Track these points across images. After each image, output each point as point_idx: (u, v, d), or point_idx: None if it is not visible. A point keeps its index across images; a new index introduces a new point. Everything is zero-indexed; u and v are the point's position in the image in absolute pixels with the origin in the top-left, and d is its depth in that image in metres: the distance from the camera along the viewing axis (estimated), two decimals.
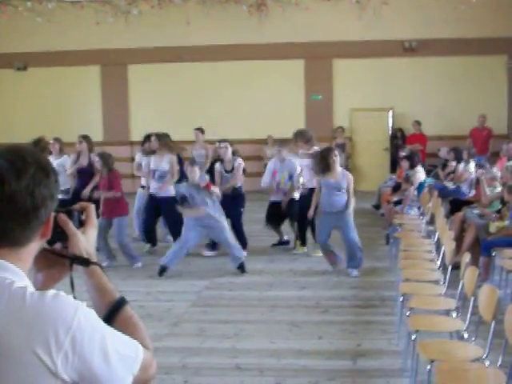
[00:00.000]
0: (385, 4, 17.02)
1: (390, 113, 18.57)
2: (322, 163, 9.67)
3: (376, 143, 18.57)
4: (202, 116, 18.46)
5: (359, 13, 17.39)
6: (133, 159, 14.44)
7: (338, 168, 9.79)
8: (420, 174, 12.72)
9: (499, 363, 4.72)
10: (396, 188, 13.45)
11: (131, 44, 18.73)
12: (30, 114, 19.55)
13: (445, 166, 14.80)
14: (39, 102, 19.57)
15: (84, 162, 11.74)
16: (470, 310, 5.59)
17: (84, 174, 11.64)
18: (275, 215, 11.65)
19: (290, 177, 11.43)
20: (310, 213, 10.27)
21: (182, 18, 17.98)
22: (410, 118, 18.08)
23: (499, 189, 10.29)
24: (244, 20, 17.97)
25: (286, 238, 11.87)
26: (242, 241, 10.97)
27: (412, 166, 12.75)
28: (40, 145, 12.35)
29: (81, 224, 1.99)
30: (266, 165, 12.96)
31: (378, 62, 18.31)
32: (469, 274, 5.86)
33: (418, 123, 17.76)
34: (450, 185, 13.46)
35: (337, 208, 9.63)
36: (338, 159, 9.73)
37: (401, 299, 6.71)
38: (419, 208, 11.76)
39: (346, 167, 17.66)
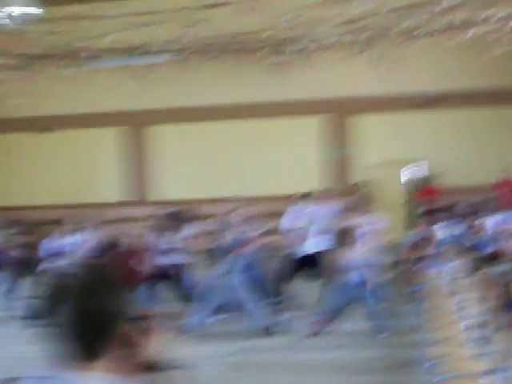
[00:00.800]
0: (400, 59, 17.23)
1: (407, 167, 18.69)
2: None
3: (393, 198, 18.64)
4: (219, 175, 18.72)
5: (375, 68, 17.64)
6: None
7: None
8: (439, 231, 12.71)
9: None
10: (416, 245, 13.44)
11: (149, 105, 19.09)
12: (51, 176, 19.87)
13: (465, 220, 14.78)
14: (60, 163, 19.92)
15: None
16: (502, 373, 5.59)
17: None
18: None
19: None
20: None
21: (198, 78, 18.40)
22: (429, 171, 18.21)
23: None
24: (260, 79, 18.31)
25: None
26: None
27: (431, 223, 12.76)
28: None
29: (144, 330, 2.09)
30: None
31: (394, 116, 18.51)
32: (500, 337, 5.87)
33: (436, 176, 17.86)
34: (470, 240, 13.44)
35: None
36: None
37: (430, 363, 6.70)
38: (442, 265, 11.74)
39: None
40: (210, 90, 18.73)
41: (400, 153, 18.58)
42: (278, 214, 16.57)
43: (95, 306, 1.84)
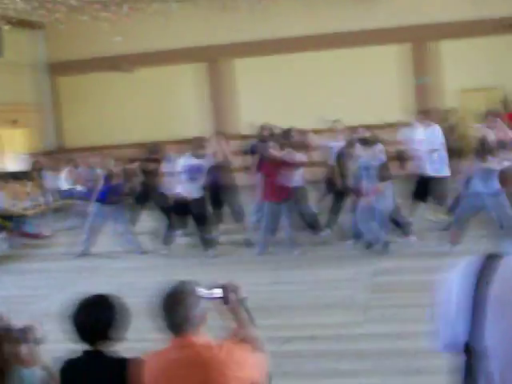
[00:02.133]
0: None
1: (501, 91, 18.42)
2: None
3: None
4: (309, 105, 18.68)
5: None
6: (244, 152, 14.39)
7: None
8: None
9: None
10: None
11: (236, 38, 19.10)
12: (141, 113, 20.10)
13: None
14: (148, 101, 20.13)
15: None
16: None
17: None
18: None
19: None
20: None
21: (284, 9, 18.32)
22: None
23: None
24: (347, 6, 18.15)
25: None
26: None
27: None
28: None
29: None
30: None
31: (485, 41, 18.19)
32: None
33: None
34: None
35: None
36: None
37: None
38: None
39: (459, 149, 17.62)
40: (292, 21, 18.65)
41: (493, 78, 18.29)
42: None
43: None
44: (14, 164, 19.20)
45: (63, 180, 17.09)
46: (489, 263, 1.95)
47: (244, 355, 3.42)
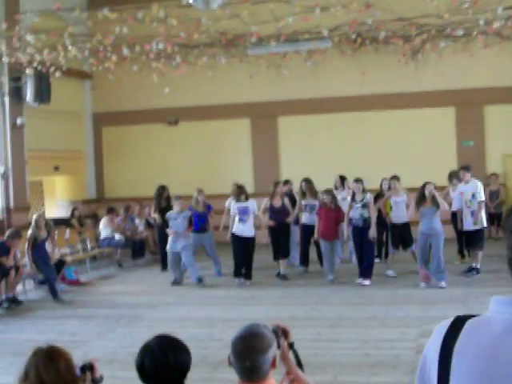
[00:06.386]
0: None
1: None
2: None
3: None
4: (352, 166, 18.57)
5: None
6: None
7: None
8: None
9: None
10: None
11: (281, 96, 19.23)
12: (182, 166, 20.18)
13: None
14: (191, 154, 20.22)
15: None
16: None
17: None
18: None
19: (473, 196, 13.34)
20: None
21: (331, 69, 18.41)
22: None
23: None
24: (393, 68, 18.18)
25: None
26: None
27: None
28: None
29: None
30: None
31: None
32: None
33: None
34: None
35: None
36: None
37: None
38: None
39: (500, 213, 17.41)
40: (343, 81, 18.78)
41: None
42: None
43: None
44: (54, 211, 19.34)
45: (102, 228, 17.17)
46: (457, 323, 1.96)
47: None
